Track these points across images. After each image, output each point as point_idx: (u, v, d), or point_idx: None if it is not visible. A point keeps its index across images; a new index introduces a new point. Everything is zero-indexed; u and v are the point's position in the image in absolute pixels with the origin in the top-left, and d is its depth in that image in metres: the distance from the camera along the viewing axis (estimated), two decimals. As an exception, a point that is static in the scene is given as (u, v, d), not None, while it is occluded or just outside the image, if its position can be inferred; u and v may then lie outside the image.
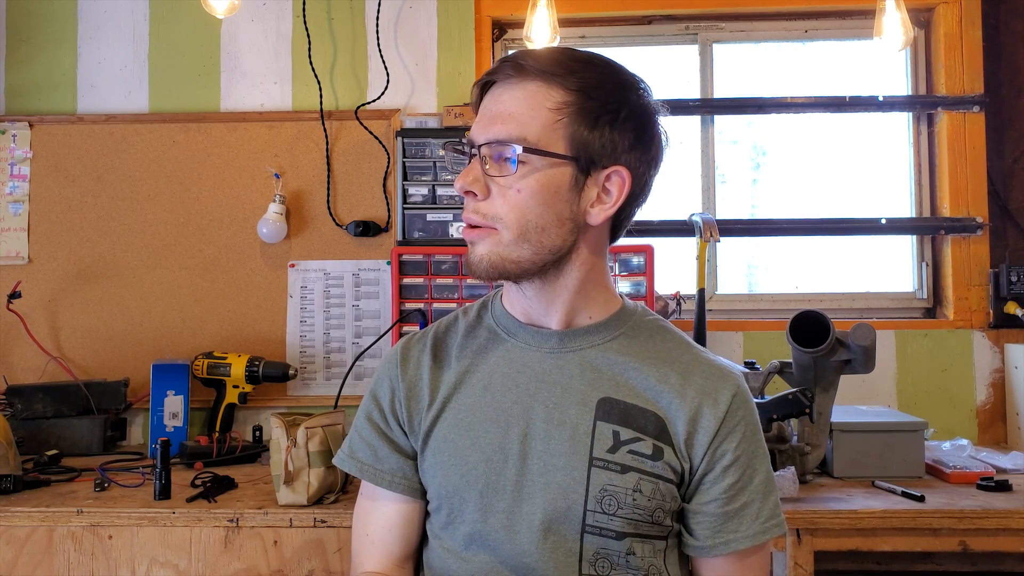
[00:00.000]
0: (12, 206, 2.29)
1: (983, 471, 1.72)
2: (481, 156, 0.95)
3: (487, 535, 0.97)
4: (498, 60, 1.01)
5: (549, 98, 0.93)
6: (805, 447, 1.73)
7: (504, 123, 0.93)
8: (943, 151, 2.29)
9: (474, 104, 1.00)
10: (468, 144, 0.97)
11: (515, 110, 0.93)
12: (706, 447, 0.97)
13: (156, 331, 2.26)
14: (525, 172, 0.93)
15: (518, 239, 0.95)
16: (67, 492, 1.65)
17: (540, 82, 0.93)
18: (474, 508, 0.98)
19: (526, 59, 0.94)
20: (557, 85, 0.93)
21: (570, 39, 2.39)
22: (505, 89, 0.95)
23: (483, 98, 0.98)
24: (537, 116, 0.93)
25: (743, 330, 2.25)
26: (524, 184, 0.93)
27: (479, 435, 0.99)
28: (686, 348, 1.04)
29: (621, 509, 0.95)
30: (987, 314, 2.23)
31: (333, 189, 2.28)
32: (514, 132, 0.93)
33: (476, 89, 0.99)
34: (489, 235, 0.96)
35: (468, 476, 0.98)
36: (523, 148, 0.92)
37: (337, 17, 2.32)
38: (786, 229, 2.34)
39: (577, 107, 0.93)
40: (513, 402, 0.99)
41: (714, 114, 2.40)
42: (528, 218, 0.94)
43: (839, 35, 2.42)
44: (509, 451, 0.97)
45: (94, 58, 2.34)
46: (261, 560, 1.51)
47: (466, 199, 0.98)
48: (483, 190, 0.95)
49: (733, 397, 0.99)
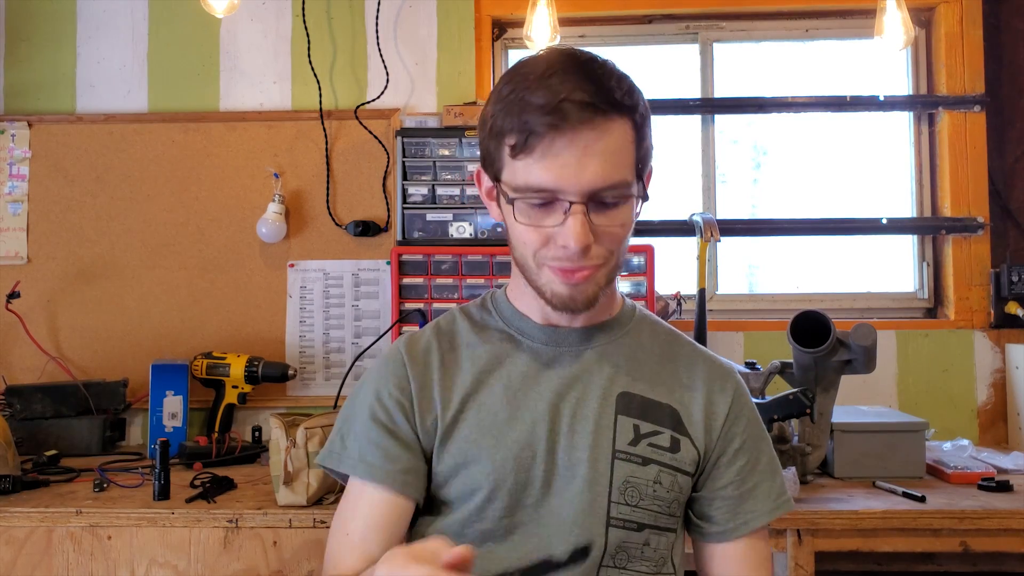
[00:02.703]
0: (11, 206, 2.29)
1: (984, 471, 1.71)
2: (587, 208, 0.91)
3: (513, 530, 0.98)
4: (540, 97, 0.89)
5: (628, 132, 0.93)
6: (806, 447, 1.73)
7: (605, 169, 0.90)
8: (944, 151, 2.29)
9: (527, 146, 0.91)
10: (568, 200, 0.91)
11: (608, 154, 0.91)
12: (719, 432, 1.03)
13: (155, 331, 2.26)
14: (627, 212, 0.95)
15: (614, 267, 0.98)
16: (66, 492, 1.64)
17: (618, 118, 0.91)
18: (501, 506, 0.98)
19: (596, 96, 0.89)
20: (626, 116, 0.92)
21: (570, 38, 2.39)
22: (586, 133, 0.89)
23: (541, 139, 0.90)
24: (627, 152, 0.93)
25: (743, 330, 2.25)
26: (624, 220, 0.95)
27: (505, 434, 0.99)
28: (684, 342, 1.09)
29: (643, 500, 0.98)
30: (988, 314, 2.22)
31: (333, 189, 2.27)
32: (616, 176, 0.91)
33: (534, 135, 0.90)
34: (594, 273, 0.95)
35: (496, 475, 0.98)
36: (626, 189, 0.92)
37: (337, 16, 2.32)
38: (786, 229, 2.34)
39: (638, 132, 0.94)
40: (537, 400, 1.01)
41: (714, 114, 2.39)
42: (623, 248, 0.98)
43: (840, 34, 2.41)
44: (537, 448, 0.99)
45: (93, 58, 2.34)
46: (260, 561, 1.51)
47: (567, 253, 0.93)
48: (592, 240, 0.92)
49: (737, 385, 1.06)
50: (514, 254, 1.00)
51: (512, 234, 0.98)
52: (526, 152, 0.91)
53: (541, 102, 0.89)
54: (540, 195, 0.92)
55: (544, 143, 0.90)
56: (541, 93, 0.90)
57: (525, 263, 0.98)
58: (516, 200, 0.93)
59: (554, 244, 0.93)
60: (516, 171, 0.93)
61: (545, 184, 0.90)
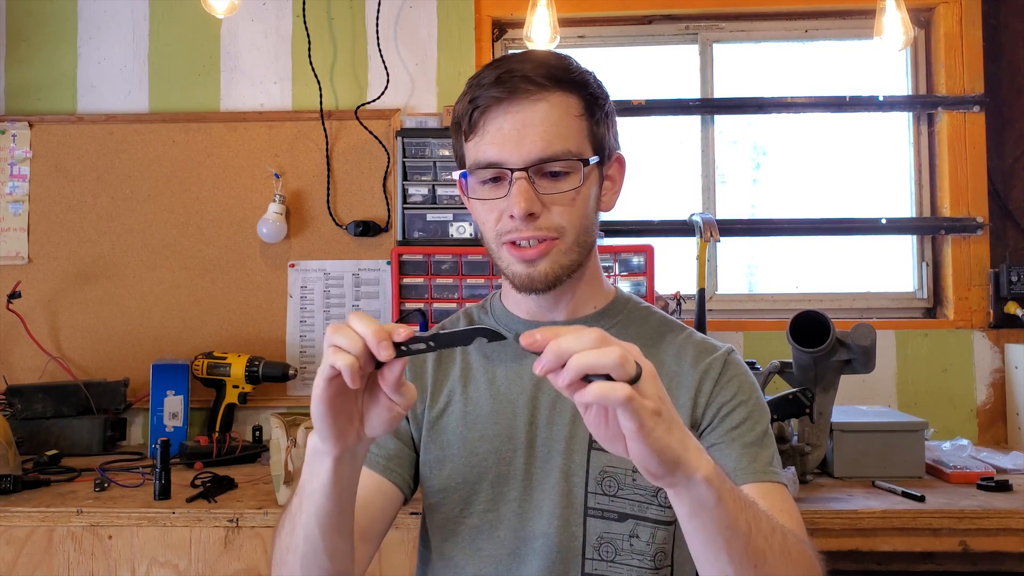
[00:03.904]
0: (12, 206, 2.29)
1: (983, 471, 1.72)
2: (529, 176, 0.95)
3: (498, 524, 1.00)
4: (489, 77, 0.96)
5: (572, 106, 0.97)
6: (805, 447, 1.73)
7: (545, 139, 0.94)
8: (943, 151, 2.29)
9: (472, 123, 0.97)
10: (509, 168, 0.95)
11: (550, 124, 0.95)
12: (705, 400, 1.01)
13: (156, 331, 2.26)
14: (575, 181, 0.97)
15: (573, 245, 0.98)
16: (67, 492, 1.64)
17: (559, 92, 0.96)
18: (485, 498, 1.01)
19: (533, 72, 0.95)
20: (570, 92, 0.97)
21: (570, 39, 2.39)
22: (525, 105, 0.95)
23: (487, 116, 0.96)
24: (571, 125, 0.96)
25: (743, 330, 2.25)
26: (577, 193, 0.97)
27: (487, 427, 1.02)
28: (679, 330, 1.08)
29: (621, 490, 0.98)
30: (987, 314, 2.23)
31: (333, 189, 2.28)
32: (558, 146, 0.95)
33: (478, 110, 0.96)
34: (550, 248, 0.97)
35: (479, 467, 1.01)
36: (571, 159, 0.95)
37: (337, 17, 2.32)
38: (786, 229, 2.34)
39: (588, 109, 0.98)
40: (519, 393, 1.03)
41: (714, 114, 2.40)
42: (583, 224, 0.99)
43: (839, 35, 2.42)
44: (517, 440, 1.01)
45: (94, 58, 2.34)
46: (261, 560, 1.51)
47: (515, 223, 0.96)
48: (540, 208, 0.96)
49: (725, 361, 1.04)
50: (483, 242, 1.03)
51: (476, 219, 1.02)
52: (474, 131, 0.97)
53: (487, 81, 0.96)
54: (489, 170, 0.97)
55: (486, 116, 0.96)
56: (487, 74, 0.97)
57: (489, 247, 1.01)
58: (471, 177, 0.99)
59: (505, 218, 0.97)
60: (470, 153, 0.99)
61: (490, 157, 0.96)
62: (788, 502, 0.96)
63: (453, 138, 1.03)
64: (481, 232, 1.02)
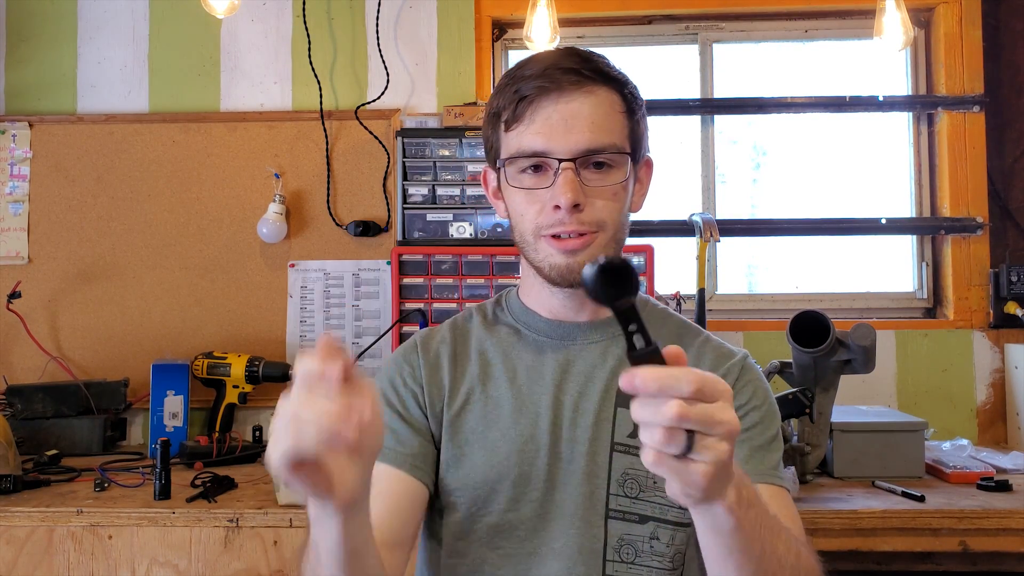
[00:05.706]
0: (12, 206, 2.29)
1: (983, 471, 1.72)
2: (575, 167, 0.95)
3: (518, 523, 0.99)
4: (534, 69, 0.96)
5: (616, 103, 0.98)
6: (805, 447, 1.73)
7: (593, 131, 0.95)
8: (943, 151, 2.29)
9: (517, 114, 0.96)
10: (557, 158, 0.95)
11: (598, 117, 0.96)
12: None
13: (156, 331, 2.26)
14: (620, 175, 0.97)
15: (611, 241, 0.99)
16: (67, 492, 1.65)
17: (605, 87, 0.97)
18: (505, 498, 1.00)
19: (580, 65, 0.96)
20: (614, 89, 0.98)
21: (569, 39, 2.39)
22: (574, 97, 0.95)
23: (535, 106, 0.95)
24: (617, 120, 0.97)
25: (743, 330, 2.25)
26: (622, 187, 0.98)
27: (509, 427, 1.01)
28: (696, 333, 1.09)
29: (643, 492, 0.98)
30: (987, 314, 2.23)
31: (333, 189, 2.28)
32: (605, 139, 0.95)
33: (524, 100, 0.96)
34: (591, 241, 0.97)
35: (500, 467, 1.00)
36: (617, 152, 0.96)
37: (337, 17, 2.32)
38: (786, 229, 2.34)
39: (628, 107, 0.99)
40: (541, 393, 1.02)
41: (714, 114, 2.40)
42: (622, 220, 1.00)
43: (839, 35, 2.42)
44: (540, 441, 1.00)
45: (94, 58, 2.34)
46: (261, 560, 1.51)
47: (559, 215, 0.95)
48: (584, 200, 0.95)
49: (742, 367, 1.05)
50: (515, 236, 1.02)
51: (511, 210, 1.01)
52: (518, 120, 0.96)
53: (532, 72, 0.96)
54: (532, 159, 0.96)
55: (533, 107, 0.95)
56: (532, 66, 0.97)
57: (524, 240, 1.00)
58: (510, 166, 0.98)
59: (548, 209, 0.96)
60: (510, 143, 0.98)
61: (535, 147, 0.96)
62: (789, 505, 0.98)
63: (488, 130, 1.02)
64: (514, 224, 1.01)
